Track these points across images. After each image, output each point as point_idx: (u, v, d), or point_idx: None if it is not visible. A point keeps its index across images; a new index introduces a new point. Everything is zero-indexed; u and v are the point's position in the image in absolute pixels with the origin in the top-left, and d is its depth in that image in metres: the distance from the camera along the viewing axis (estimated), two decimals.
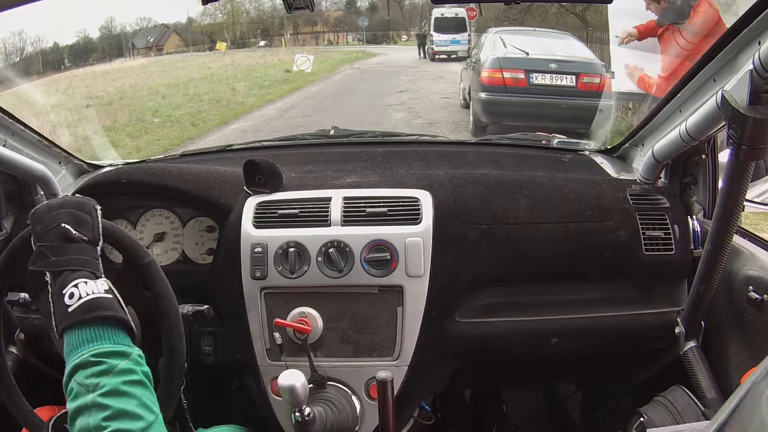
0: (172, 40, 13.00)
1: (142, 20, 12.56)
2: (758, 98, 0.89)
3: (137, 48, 12.64)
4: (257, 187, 1.28)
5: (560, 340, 1.24)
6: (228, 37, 13.29)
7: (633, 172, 1.45)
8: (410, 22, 15.26)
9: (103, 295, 0.78)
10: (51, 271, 0.80)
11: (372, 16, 14.95)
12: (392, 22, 15.37)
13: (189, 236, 1.37)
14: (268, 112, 8.21)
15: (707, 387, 1.14)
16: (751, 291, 1.09)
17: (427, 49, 13.17)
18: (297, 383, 0.96)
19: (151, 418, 0.73)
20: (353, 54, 14.06)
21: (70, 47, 11.22)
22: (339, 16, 15.28)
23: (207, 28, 13.69)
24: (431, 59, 12.58)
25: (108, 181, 1.30)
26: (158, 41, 12.83)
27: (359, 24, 15.18)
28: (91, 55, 11.72)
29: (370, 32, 15.03)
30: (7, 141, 1.32)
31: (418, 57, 13.36)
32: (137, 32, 12.70)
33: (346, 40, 15.58)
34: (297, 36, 14.90)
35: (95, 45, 12.07)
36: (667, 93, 1.23)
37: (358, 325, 1.19)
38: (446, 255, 1.20)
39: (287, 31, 14.05)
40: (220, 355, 1.24)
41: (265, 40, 13.72)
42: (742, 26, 0.93)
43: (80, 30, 11.31)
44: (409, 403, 1.28)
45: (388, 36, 15.30)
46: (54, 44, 10.76)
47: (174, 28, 12.93)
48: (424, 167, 1.46)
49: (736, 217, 1.00)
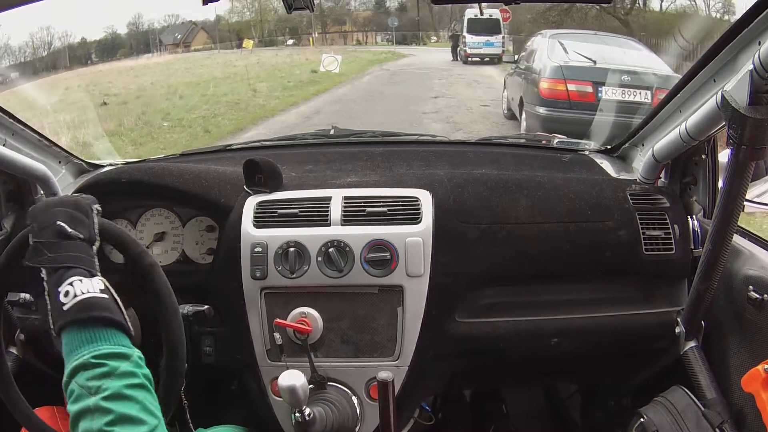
0: (200, 37, 13.03)
1: (170, 17, 12.62)
2: (758, 98, 0.88)
3: (164, 44, 12.65)
4: (257, 186, 1.28)
5: (560, 340, 1.24)
6: (255, 36, 13.25)
7: (633, 172, 1.46)
8: (440, 23, 15.12)
9: (98, 294, 0.78)
10: (46, 268, 0.80)
11: (401, 16, 14.77)
12: (422, 22, 15.14)
13: (189, 236, 1.37)
14: (289, 117, 7.71)
15: (707, 387, 1.14)
16: (751, 291, 1.09)
17: (459, 51, 12.80)
18: (297, 383, 0.96)
19: (154, 422, 0.73)
20: (382, 54, 13.82)
21: (98, 42, 11.27)
22: (368, 15, 15.21)
23: (235, 25, 13.67)
24: (464, 62, 12.17)
25: (108, 181, 1.30)
26: (185, 38, 12.90)
27: (389, 24, 14.99)
28: (118, 51, 11.70)
29: (399, 33, 14.86)
30: (7, 140, 1.32)
31: (452, 59, 13.01)
32: (165, 29, 12.71)
33: (374, 40, 15.40)
34: (325, 35, 14.77)
35: (123, 41, 12.13)
36: (667, 93, 1.24)
37: (359, 325, 1.19)
38: (446, 255, 1.20)
39: (315, 30, 14.05)
40: (220, 355, 1.24)
41: (293, 38, 13.66)
42: (742, 26, 0.93)
43: (108, 26, 11.36)
44: (410, 404, 1.28)
45: (417, 36, 15.10)
46: (82, 39, 10.84)
47: (201, 26, 12.96)
48: (424, 167, 1.46)
49: (736, 217, 1.00)
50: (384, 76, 11.22)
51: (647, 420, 1.13)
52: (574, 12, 10.52)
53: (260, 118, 7.77)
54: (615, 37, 6.23)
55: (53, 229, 0.82)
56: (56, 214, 0.84)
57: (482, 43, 11.93)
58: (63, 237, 0.82)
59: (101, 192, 1.27)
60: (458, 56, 12.87)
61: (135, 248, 0.92)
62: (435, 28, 15.32)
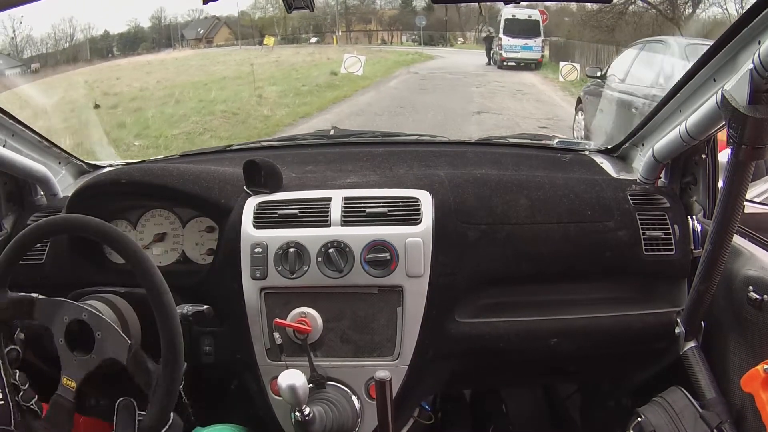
0: (222, 32, 12.62)
1: (194, 11, 12.20)
2: (758, 98, 0.88)
3: (186, 39, 12.31)
4: (257, 187, 1.28)
5: (560, 340, 1.24)
6: (278, 32, 12.76)
7: (633, 172, 1.45)
8: (466, 23, 14.37)
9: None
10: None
11: (428, 15, 14.00)
12: (449, 22, 14.45)
13: (189, 236, 1.37)
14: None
15: (707, 387, 1.14)
16: (751, 291, 1.09)
17: (492, 54, 11.73)
18: (297, 383, 0.96)
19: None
20: (409, 56, 12.91)
21: (120, 36, 10.98)
22: (394, 14, 14.44)
23: (258, 22, 13.16)
24: (499, 66, 11.08)
25: (108, 182, 1.30)
26: (208, 33, 12.50)
27: (416, 23, 14.08)
28: (140, 45, 11.46)
29: (426, 33, 14.11)
30: (7, 141, 1.32)
31: (486, 63, 11.89)
32: (188, 23, 12.45)
33: (400, 40, 14.61)
34: (349, 34, 14.17)
35: (145, 35, 11.69)
36: (667, 92, 1.23)
37: (358, 325, 1.19)
38: (446, 255, 1.20)
39: (339, 28, 13.51)
40: (220, 355, 1.24)
41: (316, 36, 13.18)
42: (742, 26, 0.92)
43: (132, 19, 11.04)
44: (409, 403, 1.28)
45: (444, 37, 14.37)
46: (104, 32, 10.53)
47: (225, 21, 12.49)
48: (424, 167, 1.46)
49: (736, 217, 1.00)
50: (413, 81, 9.93)
51: (645, 420, 1.13)
52: (630, 15, 9.52)
53: (259, 135, 6.50)
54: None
55: None
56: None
57: (520, 47, 10.69)
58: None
59: (101, 193, 1.28)
60: (492, 60, 11.83)
61: (131, 247, 0.92)
62: (462, 29, 14.64)
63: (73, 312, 0.98)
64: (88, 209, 1.16)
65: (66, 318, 0.97)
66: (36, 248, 1.24)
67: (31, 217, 1.41)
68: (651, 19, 9.20)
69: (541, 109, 7.05)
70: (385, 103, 7.82)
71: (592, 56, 9.66)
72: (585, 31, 10.35)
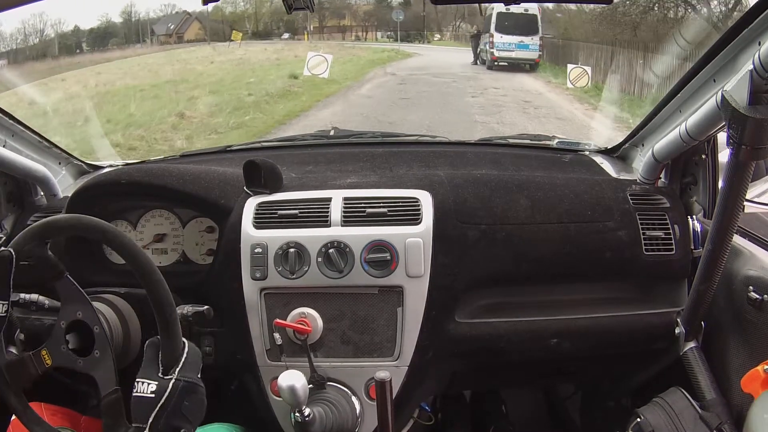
0: (193, 28, 11.91)
1: (166, 6, 11.48)
2: (758, 98, 0.88)
3: (157, 35, 11.62)
4: (257, 187, 1.28)
5: (560, 341, 1.24)
6: (249, 28, 12.01)
7: (633, 172, 1.45)
8: (443, 19, 13.48)
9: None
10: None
11: (405, 11, 13.06)
12: (427, 19, 13.42)
13: (189, 237, 1.37)
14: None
15: (707, 387, 1.14)
16: (751, 291, 1.09)
17: (479, 51, 10.37)
18: (297, 384, 0.96)
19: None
20: (385, 53, 11.47)
21: (89, 32, 10.26)
22: (369, 9, 13.41)
23: (229, 16, 12.22)
24: (488, 66, 9.69)
25: (108, 182, 1.30)
26: (179, 29, 11.80)
27: (393, 17, 12.88)
28: (109, 41, 10.94)
29: (402, 30, 13.04)
30: (7, 141, 1.32)
31: (473, 62, 10.49)
32: (160, 19, 11.60)
33: (375, 37, 13.40)
34: (323, 29, 13.15)
35: (116, 30, 10.67)
36: (666, 93, 1.23)
37: (358, 325, 1.19)
38: (446, 255, 1.20)
39: (311, 24, 12.52)
40: (220, 355, 1.24)
41: (289, 32, 12.28)
42: (742, 26, 0.92)
43: (103, 14, 10.37)
44: (409, 404, 1.28)
45: (421, 34, 13.31)
46: (75, 27, 9.84)
47: (196, 16, 11.71)
48: (424, 167, 1.46)
49: (736, 217, 1.00)
50: (391, 87, 8.12)
51: (644, 420, 1.13)
52: (677, 21, 7.75)
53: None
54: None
55: (187, 429, 0.91)
56: (198, 417, 0.93)
57: (514, 45, 9.29)
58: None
59: (101, 193, 1.28)
60: (479, 59, 10.38)
61: (110, 231, 0.93)
62: (439, 26, 13.80)
63: (88, 315, 0.97)
64: (88, 209, 1.16)
65: (80, 314, 0.97)
66: None
67: (31, 217, 1.41)
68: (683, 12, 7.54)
69: (568, 133, 5.35)
70: (353, 124, 5.96)
71: (594, 57, 8.79)
72: (582, 29, 9.41)
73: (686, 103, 1.17)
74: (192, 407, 0.91)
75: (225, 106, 6.45)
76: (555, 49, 10.29)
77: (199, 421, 0.93)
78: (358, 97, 7.08)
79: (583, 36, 9.59)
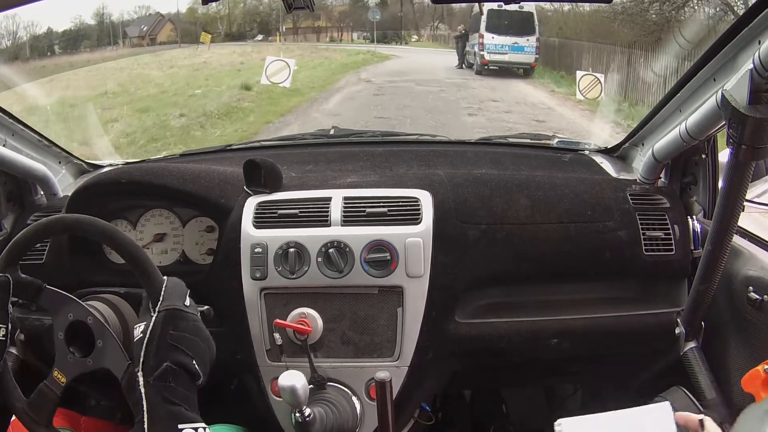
0: (166, 29, 11.57)
1: (140, 8, 11.13)
2: (758, 98, 0.88)
3: (129, 37, 11.26)
4: (257, 187, 1.28)
5: (560, 341, 1.24)
6: (222, 29, 11.58)
7: (633, 172, 1.45)
8: (421, 19, 12.85)
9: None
10: (164, 396, 0.83)
11: (382, 11, 12.37)
12: (404, 19, 12.81)
13: (189, 236, 1.37)
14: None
15: (707, 387, 1.14)
16: (751, 291, 1.09)
17: (465, 54, 9.38)
18: (297, 384, 0.96)
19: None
20: (359, 55, 10.59)
21: (61, 34, 9.55)
22: (345, 9, 12.71)
23: (201, 18, 11.74)
24: (477, 71, 8.64)
25: (108, 181, 1.30)
26: (151, 30, 11.47)
27: (369, 17, 12.09)
28: (82, 43, 10.62)
29: (379, 31, 12.31)
30: (7, 141, 1.32)
31: (458, 65, 9.43)
32: (133, 21, 11.23)
33: (351, 38, 12.75)
34: (297, 30, 12.62)
35: (87, 32, 10.21)
36: (666, 92, 1.23)
37: (358, 325, 1.19)
38: (446, 255, 1.20)
39: (283, 24, 12.06)
40: (219, 355, 1.23)
41: (263, 33, 11.90)
42: (742, 26, 0.92)
43: (76, 16, 9.90)
44: (410, 404, 1.28)
45: (399, 35, 12.68)
46: (48, 29, 8.99)
47: (169, 17, 11.43)
48: (424, 167, 1.46)
49: (736, 217, 1.00)
50: (364, 97, 6.68)
51: None
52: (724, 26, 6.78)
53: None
54: None
55: (188, 363, 0.86)
56: (198, 349, 0.89)
57: (508, 47, 8.30)
58: (191, 375, 0.86)
59: (101, 193, 1.28)
60: (465, 62, 9.39)
61: (130, 247, 0.94)
62: (416, 26, 12.98)
63: (79, 312, 0.97)
64: (88, 209, 1.16)
65: (71, 316, 0.97)
66: (36, 248, 1.24)
67: (31, 216, 1.41)
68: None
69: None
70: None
71: (604, 61, 7.77)
72: (579, 27, 8.38)
73: (686, 102, 1.17)
74: (181, 336, 0.87)
75: (140, 136, 4.99)
76: (551, 51, 9.20)
77: (199, 351, 0.89)
78: (322, 114, 5.58)
79: (586, 35, 8.50)
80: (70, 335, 0.97)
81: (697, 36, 3.92)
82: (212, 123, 5.41)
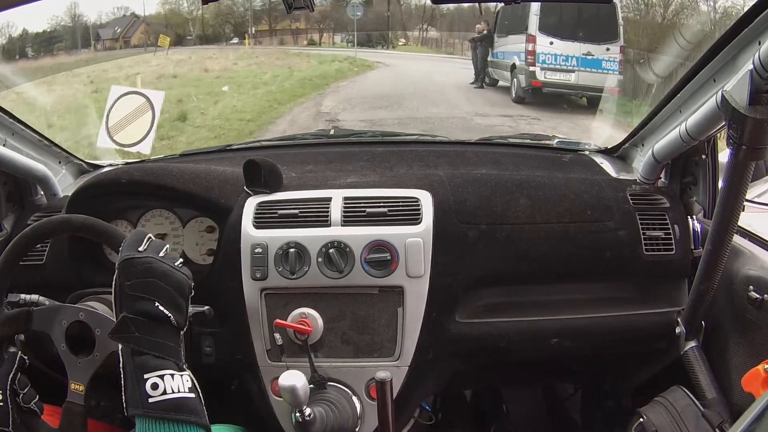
0: (139, 31, 11.04)
1: (118, 9, 10.62)
2: (758, 98, 0.88)
3: (103, 39, 10.77)
4: (257, 187, 1.28)
5: (561, 340, 1.24)
6: (194, 31, 10.88)
7: (633, 172, 1.46)
8: (409, 21, 11.15)
9: (188, 395, 0.76)
10: (131, 348, 0.76)
11: (365, 9, 10.45)
12: (391, 19, 11.15)
13: (189, 237, 1.37)
14: None
15: (707, 387, 1.15)
16: (751, 291, 1.09)
17: (487, 63, 6.39)
18: (298, 384, 0.96)
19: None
20: (334, 63, 8.17)
21: (34, 36, 9.22)
22: (324, 9, 10.83)
23: (172, 19, 11.10)
24: (517, 98, 5.48)
25: (108, 181, 1.30)
26: (125, 32, 10.92)
27: (349, 14, 9.84)
28: (55, 45, 9.83)
29: (362, 32, 10.50)
30: (7, 141, 1.32)
31: (474, 83, 6.65)
32: (108, 23, 10.78)
33: (332, 41, 10.98)
34: (274, 32, 11.28)
35: (59, 34, 9.83)
36: (667, 93, 1.23)
37: (359, 325, 1.19)
38: (446, 255, 1.20)
39: (253, 26, 11.14)
40: (220, 355, 1.24)
41: (237, 36, 11.04)
42: (742, 26, 0.93)
43: (52, 16, 9.13)
44: (410, 404, 1.28)
45: (384, 38, 10.89)
46: (23, 30, 8.63)
47: (144, 19, 10.92)
48: (425, 167, 1.46)
49: (736, 217, 1.00)
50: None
51: (647, 420, 1.13)
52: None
53: None
54: None
55: (149, 308, 0.78)
56: (156, 290, 0.79)
57: (576, 59, 5.15)
58: (157, 320, 0.78)
59: (101, 192, 1.28)
60: (484, 78, 6.54)
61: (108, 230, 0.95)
62: (404, 28, 10.92)
63: (69, 314, 0.98)
64: (88, 209, 1.16)
65: (64, 322, 0.97)
66: (36, 249, 1.24)
67: (31, 217, 1.41)
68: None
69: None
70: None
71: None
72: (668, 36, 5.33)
73: (686, 103, 1.17)
74: (135, 284, 0.78)
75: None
76: (629, 70, 5.47)
77: (158, 292, 0.79)
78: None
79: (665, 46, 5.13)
80: (72, 343, 0.97)
81: (697, 36, 3.53)
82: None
